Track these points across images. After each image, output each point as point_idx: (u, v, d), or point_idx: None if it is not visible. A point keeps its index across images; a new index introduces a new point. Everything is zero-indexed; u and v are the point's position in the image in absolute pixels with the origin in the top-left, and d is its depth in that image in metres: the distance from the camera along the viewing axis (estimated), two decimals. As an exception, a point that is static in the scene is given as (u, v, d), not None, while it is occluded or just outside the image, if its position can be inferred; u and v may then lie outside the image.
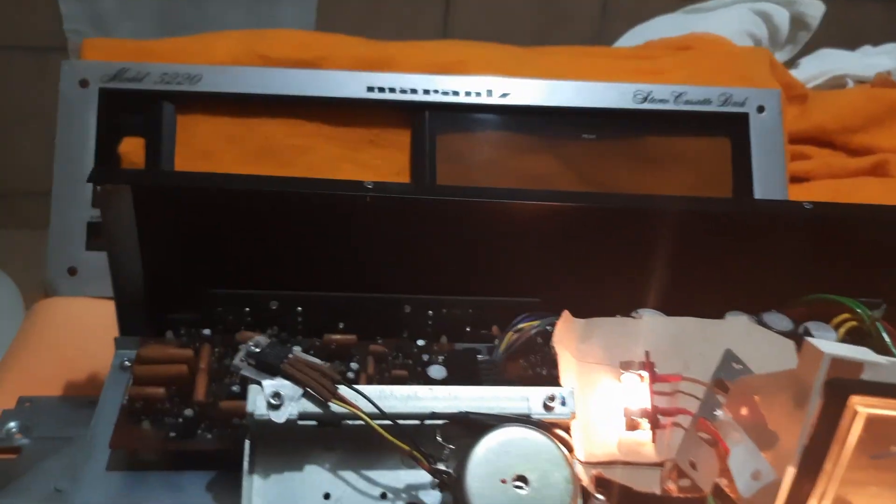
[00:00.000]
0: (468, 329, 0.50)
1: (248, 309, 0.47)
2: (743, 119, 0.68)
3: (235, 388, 0.41)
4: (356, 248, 0.48)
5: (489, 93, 0.66)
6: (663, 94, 0.68)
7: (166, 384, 0.41)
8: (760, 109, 0.68)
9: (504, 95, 0.66)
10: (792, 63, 0.94)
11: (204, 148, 0.64)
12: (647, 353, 0.40)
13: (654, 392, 0.39)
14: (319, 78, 0.64)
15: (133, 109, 0.63)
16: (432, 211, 0.48)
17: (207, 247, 0.47)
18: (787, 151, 0.69)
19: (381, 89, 0.65)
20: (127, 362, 0.45)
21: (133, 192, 0.44)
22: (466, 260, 0.49)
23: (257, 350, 0.36)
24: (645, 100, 0.68)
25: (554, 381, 0.43)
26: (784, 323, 0.46)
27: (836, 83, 0.86)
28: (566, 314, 0.44)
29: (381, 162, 0.66)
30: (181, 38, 0.67)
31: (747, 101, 0.68)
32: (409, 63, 0.68)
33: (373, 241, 0.48)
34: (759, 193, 0.67)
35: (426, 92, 0.65)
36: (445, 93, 0.66)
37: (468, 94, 0.66)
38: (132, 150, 0.62)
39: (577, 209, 0.49)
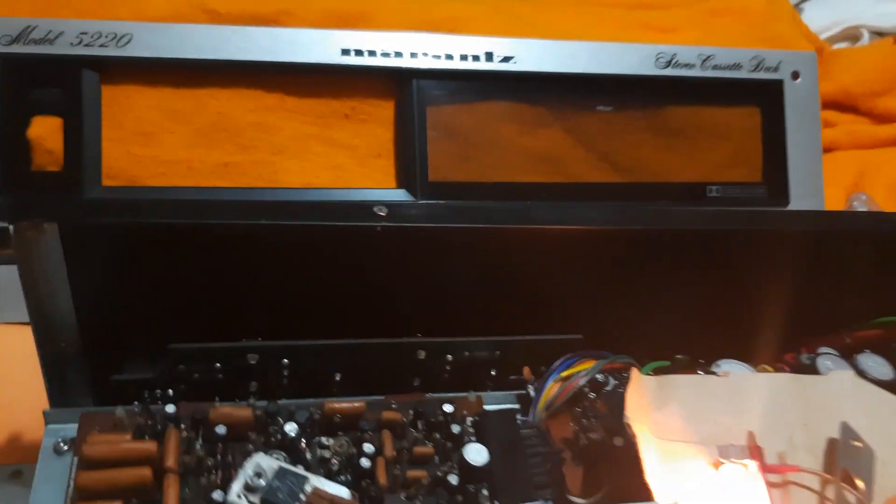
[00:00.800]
0: (493, 373, 0.40)
1: (218, 365, 0.36)
2: (776, 87, 0.59)
3: (217, 496, 0.31)
4: (355, 283, 0.38)
5: (488, 56, 0.55)
6: (689, 58, 0.58)
7: (124, 496, 0.30)
8: (795, 76, 0.59)
9: (506, 60, 0.55)
10: (795, 7, 0.85)
11: (140, 128, 0.51)
12: (751, 435, 0.32)
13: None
14: (281, 38, 0.52)
15: (44, 81, 0.49)
16: (450, 236, 0.38)
17: (165, 289, 0.36)
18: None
19: (359, 52, 0.53)
20: (63, 444, 0.34)
21: (61, 231, 0.32)
22: (491, 292, 0.40)
23: (262, 484, 0.26)
24: (668, 64, 0.58)
25: (617, 452, 0.34)
26: (883, 369, 0.38)
27: (850, 35, 0.78)
28: (635, 374, 0.35)
29: (359, 140, 0.55)
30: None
31: (781, 66, 0.59)
32: (392, 20, 0.56)
33: (376, 274, 0.38)
34: (792, 170, 0.59)
35: (413, 55, 0.54)
36: (437, 56, 0.54)
37: (464, 57, 0.54)
38: (47, 132, 0.49)
39: (628, 233, 0.39)
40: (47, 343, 0.35)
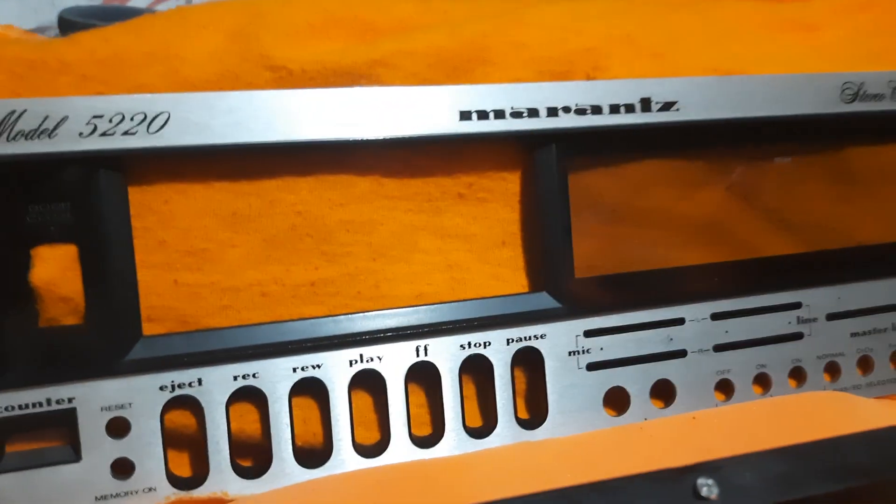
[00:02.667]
0: None
1: None
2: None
3: None
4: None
5: (644, 105, 0.41)
6: (878, 86, 0.45)
7: None
8: None
9: (667, 107, 0.41)
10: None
11: (188, 245, 0.36)
12: None
13: None
14: (378, 103, 0.37)
15: (44, 194, 0.33)
16: None
17: None
18: None
19: (482, 115, 0.38)
20: None
21: None
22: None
23: None
24: (855, 97, 0.45)
25: None
26: None
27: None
28: None
29: (478, 227, 0.40)
30: (114, 28, 0.36)
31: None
32: (513, 59, 0.41)
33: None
34: None
35: (552, 113, 0.39)
36: (581, 111, 0.40)
37: (614, 109, 0.40)
38: (57, 272, 0.33)
39: None
40: None
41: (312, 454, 0.37)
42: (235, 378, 0.35)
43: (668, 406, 0.42)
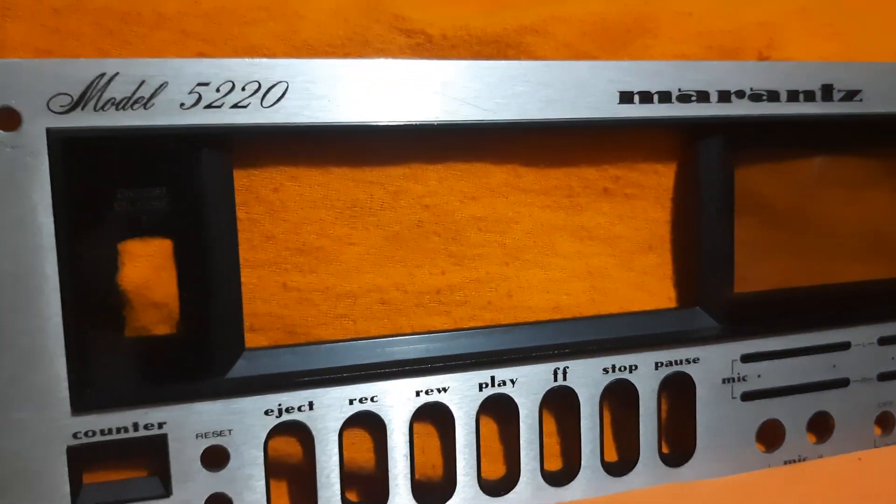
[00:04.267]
0: None
1: None
2: None
3: None
4: None
5: (826, 92, 0.35)
6: None
7: None
8: None
9: (849, 97, 0.35)
10: None
11: (301, 242, 0.30)
12: None
13: None
14: (528, 79, 0.30)
15: (134, 176, 0.27)
16: None
17: None
18: None
19: (646, 97, 0.32)
20: None
21: None
22: None
23: None
24: None
25: None
26: None
27: None
28: None
29: (623, 227, 0.35)
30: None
31: None
32: (678, 31, 0.34)
33: None
34: None
35: (724, 97, 0.33)
36: (756, 96, 0.33)
37: (792, 96, 0.34)
38: (149, 271, 0.27)
39: None
40: None
41: (431, 489, 0.32)
42: (352, 402, 0.30)
43: (822, 441, 0.37)
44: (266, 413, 0.29)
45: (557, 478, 0.33)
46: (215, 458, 0.29)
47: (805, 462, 0.36)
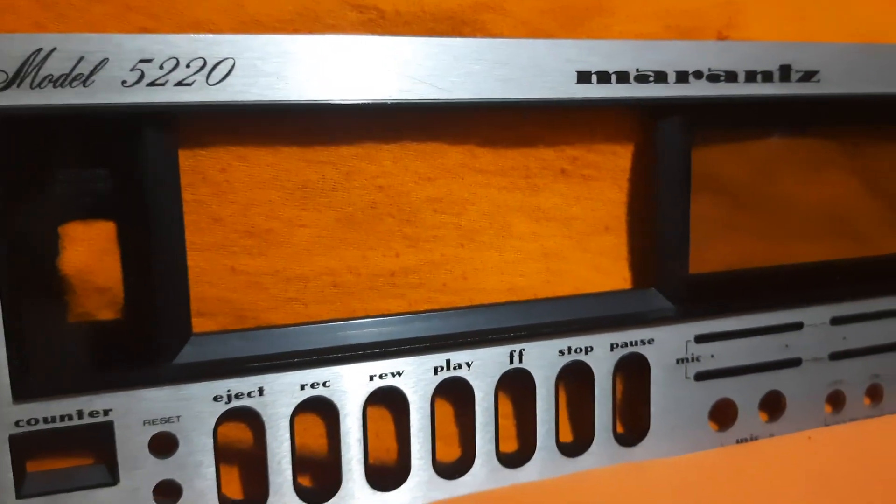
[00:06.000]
0: None
1: None
2: None
3: None
4: None
5: (784, 73, 0.34)
6: None
7: None
8: None
9: (806, 77, 0.35)
10: None
11: (249, 224, 0.29)
12: None
13: None
14: (482, 57, 0.30)
15: (75, 157, 0.26)
16: None
17: None
18: None
19: (603, 77, 0.32)
20: None
21: None
22: None
23: None
24: None
25: None
26: None
27: None
28: None
29: (580, 208, 0.34)
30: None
31: None
32: (637, 9, 0.34)
33: None
34: None
35: (682, 78, 0.33)
36: (714, 76, 0.33)
37: (750, 77, 0.34)
38: (91, 255, 0.27)
39: None
40: None
41: (385, 473, 0.31)
42: (303, 387, 0.29)
43: (774, 420, 0.37)
44: (215, 399, 0.28)
45: (513, 459, 0.33)
46: (163, 445, 0.28)
47: (757, 441, 0.36)
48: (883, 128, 0.38)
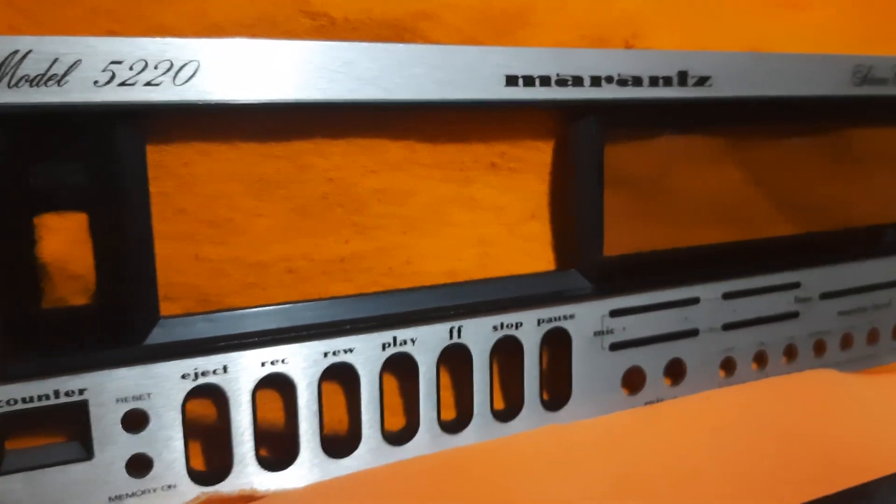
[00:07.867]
0: None
1: None
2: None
3: None
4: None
5: (681, 78, 0.39)
6: (883, 72, 0.45)
7: None
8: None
9: (701, 82, 0.40)
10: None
11: (211, 214, 0.31)
12: None
13: None
14: (424, 61, 0.33)
15: (50, 152, 0.28)
16: None
17: None
18: None
19: (528, 81, 0.35)
20: None
21: None
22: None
23: None
24: (864, 80, 0.45)
25: None
26: None
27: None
28: None
29: (508, 198, 0.38)
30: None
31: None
32: (556, 20, 0.38)
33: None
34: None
35: (595, 82, 0.37)
36: (623, 81, 0.38)
37: (654, 81, 0.38)
38: (65, 244, 0.28)
39: None
40: None
41: (339, 442, 0.34)
42: (263, 364, 0.32)
43: (677, 384, 0.42)
44: (183, 377, 0.30)
45: (452, 426, 0.36)
46: (135, 421, 0.30)
47: (662, 402, 0.41)
48: (767, 127, 0.43)
